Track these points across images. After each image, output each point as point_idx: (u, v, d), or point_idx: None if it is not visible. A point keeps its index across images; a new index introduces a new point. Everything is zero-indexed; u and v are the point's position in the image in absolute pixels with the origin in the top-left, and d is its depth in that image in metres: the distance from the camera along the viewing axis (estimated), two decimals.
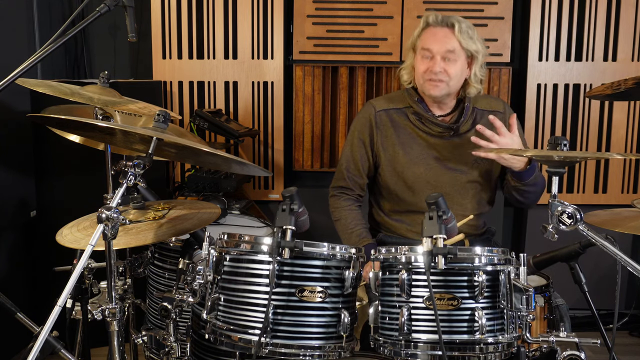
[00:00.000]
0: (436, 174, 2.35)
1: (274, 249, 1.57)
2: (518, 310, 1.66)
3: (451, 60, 2.24)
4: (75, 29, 1.82)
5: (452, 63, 2.25)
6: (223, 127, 3.21)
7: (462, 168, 2.36)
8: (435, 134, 2.35)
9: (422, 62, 2.27)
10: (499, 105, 2.44)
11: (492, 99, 2.49)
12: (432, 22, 2.28)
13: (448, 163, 2.35)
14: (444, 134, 2.35)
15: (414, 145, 2.36)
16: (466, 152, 2.34)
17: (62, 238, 1.92)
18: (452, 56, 2.24)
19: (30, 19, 3.29)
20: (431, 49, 2.25)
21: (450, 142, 2.36)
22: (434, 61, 2.24)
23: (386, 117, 2.39)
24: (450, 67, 2.25)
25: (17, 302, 2.12)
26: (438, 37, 2.25)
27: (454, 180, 2.36)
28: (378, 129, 2.40)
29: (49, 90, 2.09)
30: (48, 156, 3.14)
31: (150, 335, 1.97)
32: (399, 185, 2.37)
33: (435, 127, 2.35)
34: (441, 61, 2.24)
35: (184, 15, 3.44)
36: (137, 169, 1.68)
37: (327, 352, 1.62)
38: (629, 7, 3.42)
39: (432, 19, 2.27)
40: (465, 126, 2.36)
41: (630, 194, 3.55)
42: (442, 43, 2.24)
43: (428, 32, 2.28)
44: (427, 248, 1.55)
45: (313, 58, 3.52)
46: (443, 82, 2.26)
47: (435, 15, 2.27)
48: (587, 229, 1.62)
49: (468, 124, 2.37)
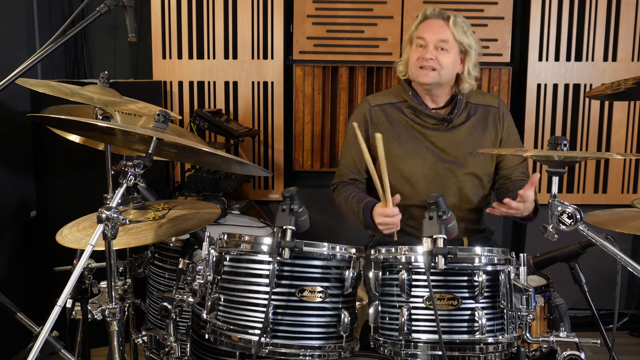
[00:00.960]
0: (433, 166, 2.36)
1: (274, 249, 1.57)
2: (518, 310, 1.66)
3: (444, 50, 2.29)
4: (75, 29, 1.82)
5: (445, 53, 2.29)
6: (223, 127, 3.21)
7: (458, 160, 2.37)
8: (430, 126, 2.38)
9: (415, 50, 2.33)
10: (493, 100, 2.47)
11: (485, 95, 2.54)
12: (429, 14, 2.34)
13: (444, 155, 2.37)
14: (438, 126, 2.37)
15: (410, 138, 2.38)
16: (461, 144, 2.37)
17: (62, 238, 1.92)
18: (445, 46, 2.29)
19: (30, 19, 3.29)
20: (425, 37, 2.30)
21: (445, 135, 2.37)
22: (427, 49, 2.29)
23: (381, 112, 2.42)
24: (443, 56, 2.29)
25: (17, 302, 2.12)
26: (433, 28, 2.31)
27: (451, 172, 2.37)
28: (373, 124, 2.41)
29: (49, 90, 2.09)
30: (48, 156, 3.14)
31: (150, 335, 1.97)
32: (396, 178, 2.36)
33: (430, 120, 2.37)
34: (434, 49, 2.29)
35: (184, 15, 3.44)
36: (137, 169, 1.68)
37: (327, 352, 1.63)
38: (629, 7, 3.42)
39: (429, 11, 2.34)
40: (459, 119, 2.39)
41: (630, 194, 3.55)
42: (436, 32, 2.30)
43: (424, 24, 2.34)
44: (427, 248, 1.55)
45: (313, 58, 3.52)
46: (435, 70, 2.29)
47: (433, 9, 2.34)
48: (587, 229, 1.62)
49: (462, 117, 2.39)
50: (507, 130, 2.45)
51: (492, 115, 2.43)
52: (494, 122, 2.43)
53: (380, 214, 2.12)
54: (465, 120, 2.39)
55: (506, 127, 2.45)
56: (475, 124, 2.40)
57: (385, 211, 2.10)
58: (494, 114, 2.43)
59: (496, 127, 2.43)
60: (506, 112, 2.47)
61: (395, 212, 2.09)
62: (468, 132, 2.39)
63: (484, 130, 2.41)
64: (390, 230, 2.13)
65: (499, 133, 2.43)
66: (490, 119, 2.42)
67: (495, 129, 2.42)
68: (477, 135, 2.39)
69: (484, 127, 2.41)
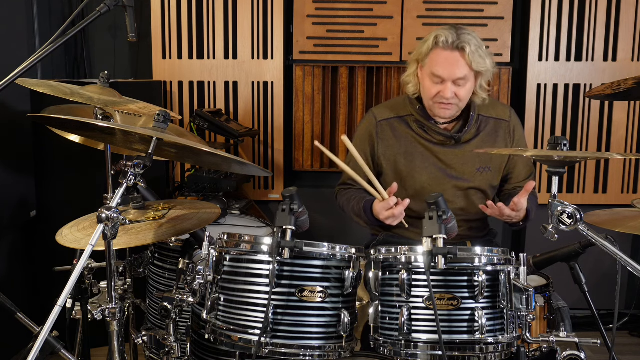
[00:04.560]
0: (439, 182, 2.34)
1: (274, 249, 1.57)
2: (518, 310, 1.66)
3: (462, 85, 2.23)
4: (75, 29, 1.82)
5: (463, 87, 2.23)
6: (223, 127, 3.21)
7: (464, 176, 2.35)
8: (437, 142, 2.35)
9: (432, 86, 2.24)
10: (504, 113, 2.42)
11: (498, 105, 2.46)
12: (442, 44, 2.20)
13: (450, 171, 2.35)
14: (446, 143, 2.34)
15: (416, 153, 2.36)
16: (469, 160, 2.34)
17: (62, 238, 1.92)
18: (463, 82, 2.22)
19: (30, 19, 3.29)
20: (442, 76, 2.21)
21: (452, 151, 2.35)
22: (445, 86, 2.21)
23: (387, 127, 2.38)
24: (461, 90, 2.23)
25: (17, 302, 2.12)
26: (449, 63, 2.20)
27: (457, 188, 2.36)
28: (379, 139, 2.39)
29: (49, 90, 2.09)
30: (48, 156, 3.14)
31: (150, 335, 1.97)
32: (402, 193, 2.33)
33: (437, 136, 2.34)
34: (452, 86, 2.21)
35: (184, 15, 3.44)
36: (137, 169, 1.68)
37: (327, 352, 1.62)
38: (629, 7, 3.42)
39: (442, 40, 2.20)
40: (468, 135, 2.35)
41: (630, 194, 3.55)
42: (454, 70, 2.20)
43: (438, 56, 2.22)
44: (427, 248, 1.55)
45: (313, 58, 3.52)
46: (453, 105, 2.25)
47: (446, 36, 2.20)
48: (587, 229, 1.62)
49: (472, 133, 2.35)
50: (517, 144, 2.42)
51: (502, 129, 2.39)
52: (504, 137, 2.39)
53: (382, 209, 2.13)
54: (474, 136, 2.35)
55: (516, 140, 2.41)
56: (484, 139, 2.36)
57: (384, 205, 2.11)
58: (505, 128, 2.39)
59: (506, 141, 2.39)
60: (517, 126, 2.43)
61: (392, 203, 2.09)
62: (477, 147, 2.33)
63: (493, 145, 2.37)
64: (397, 220, 2.13)
65: (508, 147, 2.39)
66: (500, 133, 2.39)
67: (505, 143, 2.39)
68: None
69: (494, 141, 2.37)
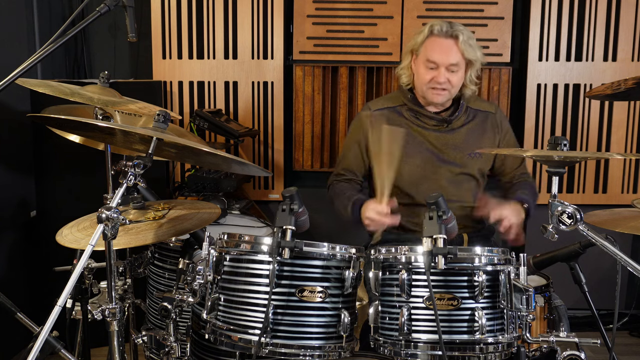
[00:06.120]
0: (432, 167, 2.40)
1: (274, 249, 1.57)
2: (518, 310, 1.66)
3: (454, 71, 2.33)
4: (75, 29, 1.82)
5: (455, 73, 2.34)
6: (223, 127, 3.21)
7: (456, 161, 2.41)
8: (430, 127, 2.42)
9: (426, 72, 2.35)
10: (490, 107, 2.53)
11: (484, 101, 2.60)
12: (436, 32, 2.33)
13: (443, 155, 2.41)
14: (438, 127, 2.41)
15: (409, 139, 2.40)
16: (460, 146, 2.42)
17: (62, 238, 1.92)
18: (455, 68, 2.33)
19: (30, 19, 3.28)
20: (437, 61, 2.32)
21: (444, 136, 2.42)
22: (439, 72, 2.33)
23: (381, 116, 2.45)
24: (453, 76, 2.34)
25: (17, 302, 2.12)
26: (443, 49, 2.32)
27: (450, 173, 2.41)
28: (372, 127, 2.42)
29: (49, 90, 2.09)
30: (48, 156, 3.14)
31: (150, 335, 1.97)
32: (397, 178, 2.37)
33: (430, 121, 2.42)
34: (445, 71, 2.32)
35: (184, 15, 3.44)
36: (137, 169, 1.68)
37: (327, 352, 1.63)
38: (629, 7, 3.42)
39: (437, 29, 2.33)
40: (458, 122, 2.43)
41: (630, 194, 3.55)
42: (447, 56, 2.31)
43: (433, 43, 2.34)
44: (427, 248, 1.55)
45: (313, 58, 3.52)
46: (446, 90, 2.35)
47: (440, 25, 2.33)
48: (587, 229, 1.62)
49: (461, 120, 2.44)
50: (505, 137, 2.50)
51: (490, 121, 2.49)
52: (492, 128, 2.48)
53: (373, 209, 2.14)
54: (464, 124, 2.44)
55: (504, 133, 2.50)
56: (473, 128, 2.45)
57: (378, 207, 2.12)
58: (492, 120, 2.49)
59: (494, 132, 2.48)
60: (504, 120, 2.53)
61: (387, 211, 2.10)
62: (466, 134, 2.43)
63: (482, 133, 2.46)
64: (375, 227, 2.15)
65: (496, 138, 2.48)
66: (488, 124, 2.48)
67: (494, 133, 2.48)
68: (475, 138, 2.44)
69: (483, 131, 2.46)
